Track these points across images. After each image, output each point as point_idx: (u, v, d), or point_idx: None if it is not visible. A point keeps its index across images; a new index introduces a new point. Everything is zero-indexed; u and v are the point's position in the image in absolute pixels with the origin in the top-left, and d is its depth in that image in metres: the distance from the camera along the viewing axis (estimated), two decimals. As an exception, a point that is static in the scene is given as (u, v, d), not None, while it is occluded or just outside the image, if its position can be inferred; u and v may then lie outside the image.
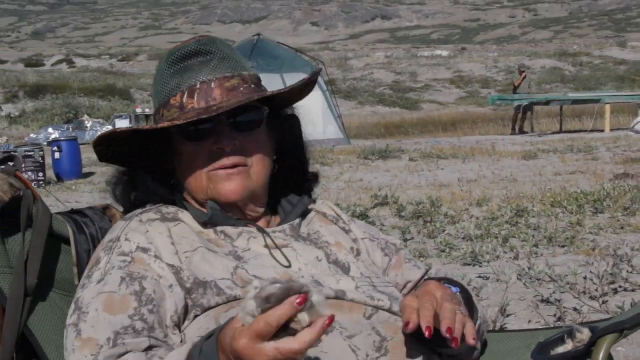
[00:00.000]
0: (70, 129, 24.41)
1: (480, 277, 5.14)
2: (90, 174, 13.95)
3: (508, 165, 13.29)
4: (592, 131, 21.94)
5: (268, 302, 1.09)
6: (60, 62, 61.92)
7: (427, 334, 1.32)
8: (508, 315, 4.18)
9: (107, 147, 1.61)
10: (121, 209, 1.77)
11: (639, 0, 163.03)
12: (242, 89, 1.54)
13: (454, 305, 1.39)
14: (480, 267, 5.48)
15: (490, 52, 75.28)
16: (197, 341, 1.27)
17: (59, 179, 13.30)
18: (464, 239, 6.43)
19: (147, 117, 25.12)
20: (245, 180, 1.54)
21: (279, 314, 1.08)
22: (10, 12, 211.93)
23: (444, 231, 6.71)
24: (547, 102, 24.54)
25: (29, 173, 12.51)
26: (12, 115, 33.30)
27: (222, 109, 1.49)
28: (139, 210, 1.61)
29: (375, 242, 1.72)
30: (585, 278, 4.63)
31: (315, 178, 1.75)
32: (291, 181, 1.68)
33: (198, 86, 1.54)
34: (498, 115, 30.76)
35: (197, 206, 1.60)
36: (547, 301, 4.41)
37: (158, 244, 1.50)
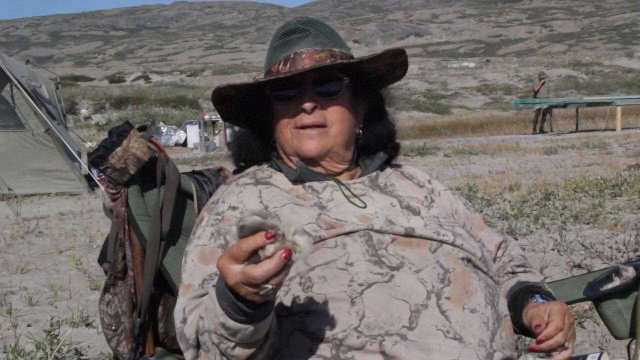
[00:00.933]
0: (149, 134, 24.62)
1: (516, 248, 5.11)
2: (170, 170, 14.13)
3: (532, 159, 13.13)
4: (605, 130, 21.53)
5: (242, 231, 1.09)
6: (138, 78, 62.79)
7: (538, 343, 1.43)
8: (545, 278, 4.15)
9: (221, 104, 1.65)
10: (232, 170, 1.83)
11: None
12: (328, 61, 1.55)
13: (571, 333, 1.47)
14: (517, 240, 5.44)
15: (511, 63, 74.16)
16: None
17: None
18: (499, 217, 6.40)
19: (213, 123, 25.15)
20: (323, 139, 1.57)
21: (249, 242, 1.07)
22: (97, 37, 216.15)
23: (481, 211, 6.68)
24: (565, 105, 24.10)
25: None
26: (100, 124, 33.94)
27: (298, 71, 1.52)
28: (238, 175, 1.66)
29: (456, 196, 1.73)
30: (610, 247, 4.59)
31: (396, 147, 1.75)
32: (373, 146, 1.69)
33: (292, 56, 1.57)
34: (520, 118, 30.22)
35: (288, 163, 1.63)
36: (578, 266, 4.38)
37: (247, 202, 1.54)
